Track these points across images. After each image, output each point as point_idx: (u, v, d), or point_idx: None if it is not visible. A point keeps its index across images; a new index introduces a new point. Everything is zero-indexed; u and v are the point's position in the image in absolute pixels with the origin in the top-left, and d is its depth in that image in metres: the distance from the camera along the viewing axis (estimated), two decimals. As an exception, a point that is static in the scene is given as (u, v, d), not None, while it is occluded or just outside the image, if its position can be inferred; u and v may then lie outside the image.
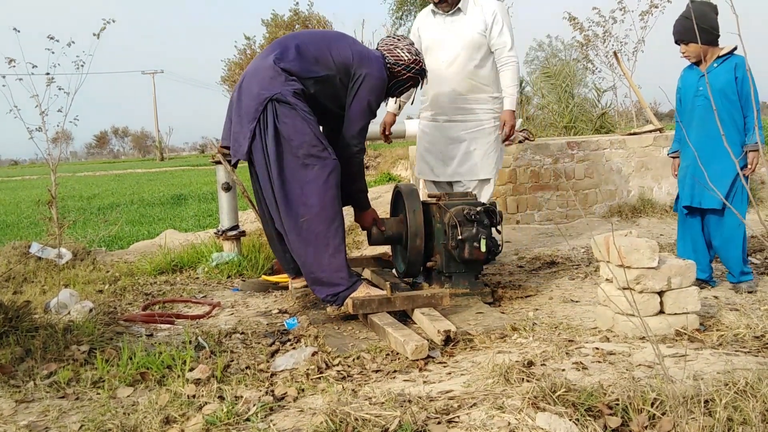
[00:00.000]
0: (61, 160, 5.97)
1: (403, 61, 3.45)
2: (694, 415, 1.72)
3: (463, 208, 3.41)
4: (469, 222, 3.37)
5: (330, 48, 3.29)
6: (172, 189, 15.90)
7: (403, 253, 3.79)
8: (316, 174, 3.12)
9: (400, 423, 1.85)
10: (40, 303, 3.49)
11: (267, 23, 25.29)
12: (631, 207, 6.68)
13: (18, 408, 2.26)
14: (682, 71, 3.76)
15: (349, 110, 3.32)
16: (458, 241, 3.35)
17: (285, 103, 3.09)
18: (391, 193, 3.99)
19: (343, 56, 3.28)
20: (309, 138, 3.11)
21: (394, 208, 3.94)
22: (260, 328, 3.26)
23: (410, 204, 3.56)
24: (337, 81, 3.28)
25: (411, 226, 3.51)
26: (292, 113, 3.10)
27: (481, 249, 3.38)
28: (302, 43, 3.29)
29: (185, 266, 4.87)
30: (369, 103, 3.32)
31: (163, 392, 2.28)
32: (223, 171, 4.86)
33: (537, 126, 10.77)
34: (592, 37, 10.62)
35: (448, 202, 3.50)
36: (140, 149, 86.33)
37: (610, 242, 2.85)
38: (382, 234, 3.69)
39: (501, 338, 2.87)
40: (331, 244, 3.13)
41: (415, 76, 3.52)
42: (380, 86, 3.35)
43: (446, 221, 3.41)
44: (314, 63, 3.24)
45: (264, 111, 3.10)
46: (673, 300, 2.78)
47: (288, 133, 3.10)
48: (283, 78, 3.14)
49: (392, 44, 3.49)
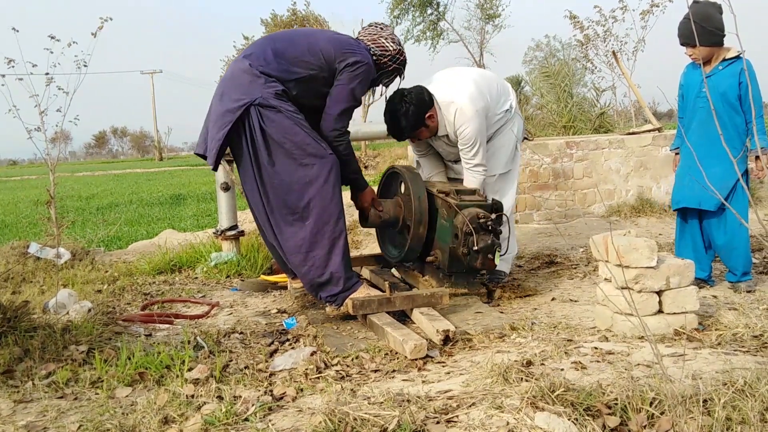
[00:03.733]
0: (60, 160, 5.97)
1: (389, 52, 3.38)
2: (693, 415, 1.72)
3: (478, 213, 3.26)
4: (484, 231, 3.25)
5: (309, 46, 3.19)
6: (171, 189, 15.90)
7: (396, 238, 3.72)
8: (317, 173, 3.08)
9: (398, 423, 1.85)
10: (38, 303, 3.49)
11: (266, 23, 25.33)
12: (629, 206, 6.68)
13: (16, 408, 2.26)
14: (685, 67, 3.73)
15: (332, 92, 3.20)
16: (473, 251, 3.23)
17: (269, 107, 3.04)
18: (384, 174, 3.87)
19: (324, 52, 3.18)
20: (302, 137, 3.07)
21: (385, 189, 3.83)
22: (259, 328, 3.26)
23: (415, 189, 3.45)
24: (321, 79, 3.19)
25: (416, 214, 3.41)
26: (279, 116, 3.05)
27: (495, 261, 3.33)
28: (279, 46, 3.20)
29: (184, 266, 4.87)
30: (353, 89, 3.20)
31: (162, 392, 2.28)
32: (222, 171, 4.86)
33: (536, 125, 10.77)
34: (593, 36, 10.63)
35: (461, 203, 3.35)
36: (139, 149, 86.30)
37: (608, 242, 2.85)
38: (379, 216, 3.59)
39: (500, 338, 2.87)
40: (336, 243, 3.10)
41: (399, 68, 3.46)
42: (366, 72, 3.23)
43: (459, 225, 3.26)
44: (294, 64, 3.15)
45: (246, 117, 3.03)
46: (671, 299, 2.78)
47: (279, 137, 3.05)
48: (262, 80, 3.07)
49: (375, 33, 3.41)
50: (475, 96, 3.61)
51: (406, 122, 3.59)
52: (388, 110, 3.64)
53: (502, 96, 3.84)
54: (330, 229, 3.10)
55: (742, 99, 3.45)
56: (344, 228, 3.15)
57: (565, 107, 10.38)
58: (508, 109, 3.85)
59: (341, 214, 3.14)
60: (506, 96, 3.88)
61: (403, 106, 3.56)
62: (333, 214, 3.10)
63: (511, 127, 3.88)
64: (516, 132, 3.90)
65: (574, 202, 6.60)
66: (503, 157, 3.86)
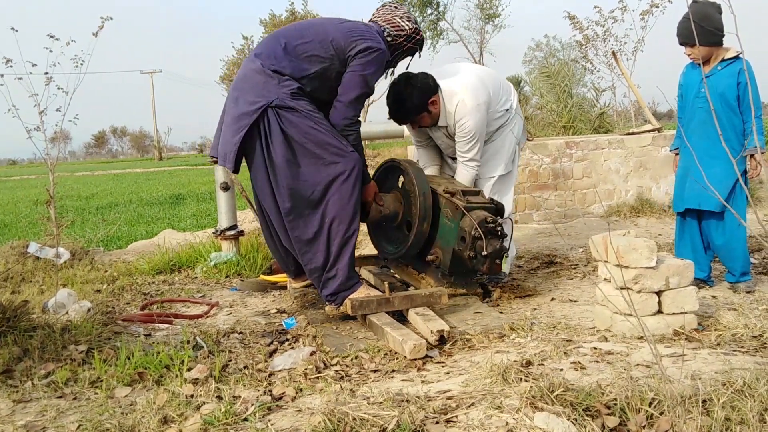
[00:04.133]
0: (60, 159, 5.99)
1: (404, 32, 3.33)
2: (692, 415, 1.73)
3: (486, 217, 3.23)
4: (493, 235, 3.23)
5: (320, 39, 3.12)
6: (171, 189, 15.89)
7: (393, 234, 3.70)
8: (340, 170, 3.06)
9: (398, 423, 1.85)
10: (38, 303, 3.48)
11: (265, 23, 25.35)
12: (629, 207, 6.69)
13: (16, 408, 2.26)
14: (684, 67, 3.73)
15: (343, 79, 3.13)
16: (481, 255, 3.21)
17: (287, 108, 3.01)
18: (380, 166, 3.80)
19: (335, 43, 3.11)
20: (323, 137, 3.05)
21: (381, 182, 3.74)
22: (258, 328, 3.26)
23: (420, 185, 3.42)
24: (334, 71, 3.14)
25: (421, 210, 3.39)
26: (298, 116, 3.02)
27: (502, 266, 3.33)
28: (289, 41, 3.13)
29: (183, 266, 4.87)
30: (365, 75, 3.13)
31: (161, 392, 2.28)
32: (222, 171, 4.86)
33: (535, 125, 10.77)
34: (592, 36, 10.63)
35: (468, 205, 3.31)
36: (139, 149, 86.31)
37: (608, 242, 2.85)
38: (380, 211, 3.55)
39: (499, 338, 2.87)
40: (348, 242, 3.10)
41: (415, 47, 3.42)
42: (379, 58, 3.16)
43: (467, 228, 3.23)
44: (305, 60, 3.10)
45: (262, 120, 3.00)
46: (671, 300, 2.78)
47: (300, 137, 3.02)
48: (276, 81, 3.04)
49: (390, 13, 3.36)
50: (479, 89, 3.61)
51: (410, 104, 3.56)
52: (393, 92, 3.62)
53: (504, 95, 3.83)
54: (344, 228, 3.09)
55: (741, 99, 3.45)
56: (358, 228, 3.15)
57: (565, 107, 10.38)
58: (509, 108, 3.84)
59: (357, 214, 3.13)
60: (507, 95, 3.87)
61: (408, 89, 3.54)
62: (350, 213, 3.09)
63: (511, 128, 3.86)
64: (516, 133, 3.89)
65: (574, 202, 6.60)
66: (503, 158, 3.84)
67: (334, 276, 3.12)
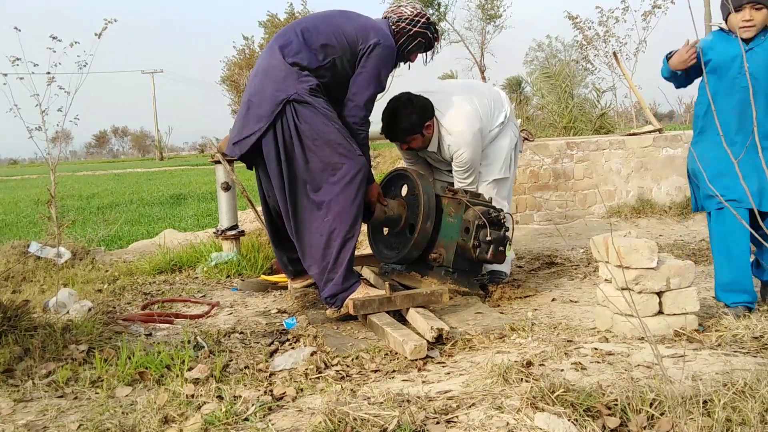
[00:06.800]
0: (61, 159, 5.99)
1: (406, 16, 3.37)
2: (693, 416, 1.73)
3: (488, 210, 3.36)
4: (495, 225, 3.34)
5: (334, 30, 3.18)
6: (172, 188, 15.91)
7: (393, 239, 3.74)
8: (344, 173, 3.08)
9: (398, 423, 1.85)
10: (38, 302, 3.49)
11: (264, 24, 25.34)
12: (630, 207, 6.68)
13: (16, 407, 2.26)
14: (709, 36, 3.04)
15: (356, 78, 3.19)
16: (485, 242, 3.30)
17: (304, 102, 3.06)
18: (389, 174, 3.89)
19: (347, 35, 3.17)
20: (334, 136, 3.08)
21: (387, 190, 3.83)
22: (259, 328, 3.26)
23: (425, 187, 3.50)
24: (345, 63, 3.18)
25: (425, 208, 3.44)
26: (312, 112, 3.06)
27: (506, 253, 3.38)
28: (306, 31, 3.19)
29: (184, 266, 4.87)
30: (378, 73, 3.20)
31: (162, 392, 2.28)
32: (223, 171, 4.86)
33: (536, 126, 10.77)
34: (593, 37, 10.64)
35: (471, 200, 3.42)
36: (140, 149, 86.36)
37: (609, 242, 2.85)
38: (384, 212, 3.60)
39: (500, 338, 2.87)
40: (347, 243, 3.10)
41: (423, 32, 3.41)
42: (389, 54, 3.22)
43: (471, 219, 3.34)
44: (320, 51, 3.15)
45: (282, 113, 3.05)
46: (672, 300, 2.78)
47: (311, 134, 3.06)
48: (295, 75, 3.08)
49: (396, 5, 3.45)
50: (472, 119, 3.67)
51: (406, 124, 3.61)
52: (391, 108, 3.65)
53: (497, 110, 3.87)
54: (345, 229, 3.09)
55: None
56: (358, 231, 3.16)
57: (566, 108, 10.38)
58: (503, 120, 3.88)
59: (359, 217, 3.15)
60: (500, 108, 3.90)
61: (408, 108, 3.58)
62: (352, 215, 3.10)
63: (505, 134, 3.91)
64: (511, 139, 3.92)
65: (575, 202, 6.60)
66: (498, 163, 3.89)
67: (333, 278, 3.13)
